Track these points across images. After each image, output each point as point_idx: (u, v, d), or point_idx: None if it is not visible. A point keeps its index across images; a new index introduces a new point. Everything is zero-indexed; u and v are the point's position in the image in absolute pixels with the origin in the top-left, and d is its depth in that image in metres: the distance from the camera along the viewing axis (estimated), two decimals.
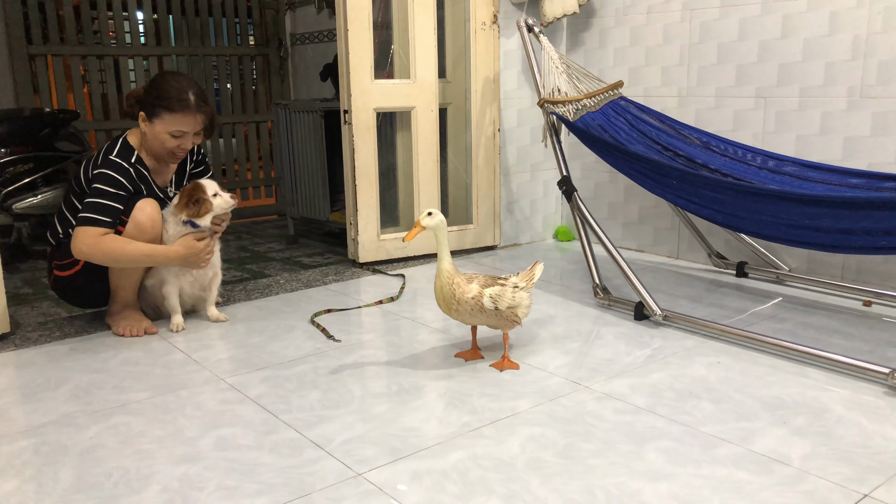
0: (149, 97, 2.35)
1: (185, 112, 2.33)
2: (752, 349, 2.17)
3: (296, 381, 2.01)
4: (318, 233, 4.15)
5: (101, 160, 2.33)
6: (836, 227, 2.04)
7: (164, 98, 2.32)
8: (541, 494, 1.43)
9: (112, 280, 2.40)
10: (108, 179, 2.29)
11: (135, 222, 2.29)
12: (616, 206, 3.55)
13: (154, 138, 2.37)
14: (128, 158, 2.35)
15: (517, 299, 2.04)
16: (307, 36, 4.69)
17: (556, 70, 2.91)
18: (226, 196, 2.41)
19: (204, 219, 2.38)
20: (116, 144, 2.37)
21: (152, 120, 2.35)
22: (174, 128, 2.34)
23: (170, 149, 2.38)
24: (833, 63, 2.68)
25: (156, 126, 2.34)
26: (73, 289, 2.46)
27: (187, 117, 2.34)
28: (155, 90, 2.35)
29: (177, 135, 2.35)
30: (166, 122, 2.33)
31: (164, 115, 2.33)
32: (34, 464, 1.59)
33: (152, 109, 2.34)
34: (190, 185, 2.40)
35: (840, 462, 1.53)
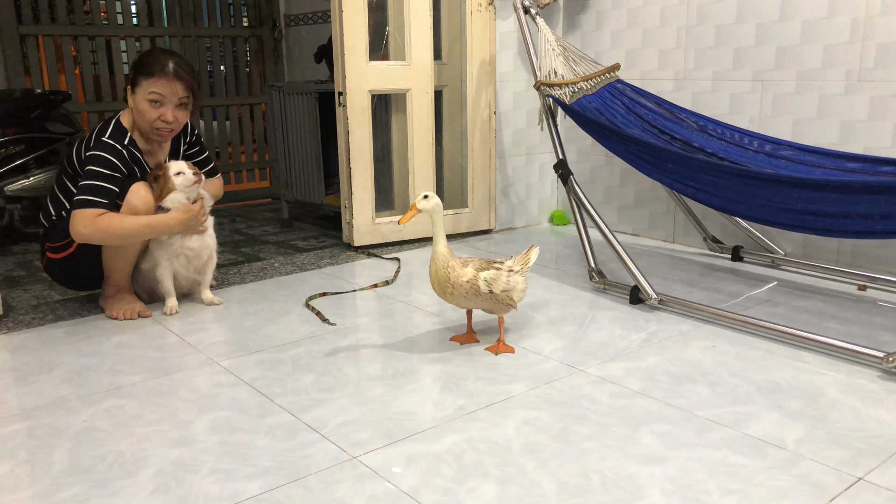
0: (131, 69, 2.38)
1: (160, 76, 2.30)
2: (747, 333, 2.18)
3: (291, 365, 2.01)
4: (313, 216, 4.13)
5: (94, 141, 2.31)
6: (832, 210, 2.04)
7: (143, 65, 2.33)
8: (536, 478, 1.43)
9: (105, 263, 2.38)
10: (102, 161, 2.27)
11: (129, 206, 2.27)
12: (612, 190, 3.54)
13: (136, 110, 2.35)
14: (121, 140, 2.33)
15: (512, 283, 2.03)
16: (301, 17, 4.64)
17: (553, 52, 2.88)
18: (188, 173, 2.35)
19: (166, 200, 2.33)
20: (109, 125, 2.35)
21: (135, 90, 2.34)
22: (149, 90, 2.30)
23: (151, 120, 2.33)
24: (831, 46, 2.67)
25: (137, 95, 2.33)
26: (66, 271, 2.44)
27: (162, 81, 2.30)
28: (136, 60, 2.37)
29: (155, 100, 2.31)
30: (143, 88, 2.31)
31: (142, 81, 2.32)
32: (27, 447, 1.58)
33: (134, 79, 2.34)
34: (154, 165, 2.39)
35: (834, 445, 1.54)
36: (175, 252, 2.41)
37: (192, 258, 2.46)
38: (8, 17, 3.88)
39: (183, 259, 2.44)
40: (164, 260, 2.42)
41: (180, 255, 2.43)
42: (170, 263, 2.43)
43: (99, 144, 2.30)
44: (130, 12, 4.40)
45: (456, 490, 1.39)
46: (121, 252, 2.35)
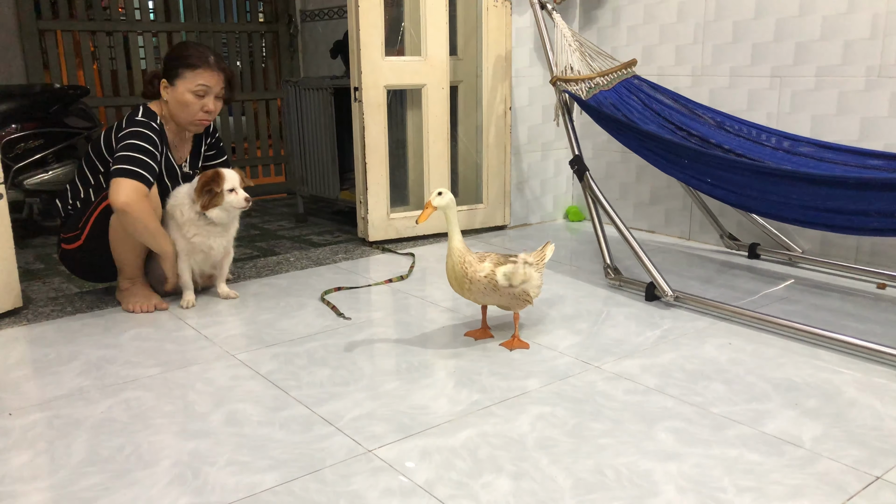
0: (168, 63, 2.38)
1: (205, 67, 2.36)
2: (764, 331, 2.16)
3: (306, 358, 2.02)
4: (328, 211, 4.15)
5: (127, 123, 2.34)
6: (850, 208, 2.02)
7: (184, 57, 2.36)
8: (550, 473, 1.43)
9: (114, 255, 2.39)
10: (140, 135, 2.30)
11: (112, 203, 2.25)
12: (628, 187, 3.52)
13: (177, 102, 2.37)
14: (153, 120, 2.36)
15: (528, 274, 2.03)
16: (317, 12, 4.65)
17: (569, 48, 2.87)
18: (241, 195, 2.38)
19: (212, 210, 2.36)
20: (139, 111, 2.38)
21: (174, 82, 2.36)
22: (195, 83, 2.35)
23: (194, 111, 2.38)
24: (851, 42, 2.64)
25: (178, 87, 2.36)
26: (79, 262, 2.47)
27: (207, 73, 2.36)
28: (174, 54, 2.39)
29: (200, 92, 2.36)
30: (187, 80, 2.35)
31: (185, 72, 2.35)
32: (47, 437, 1.60)
33: (173, 71, 2.36)
34: (212, 171, 2.37)
35: (852, 444, 1.52)
36: (195, 248, 2.43)
37: (211, 254, 2.48)
38: (27, 13, 3.92)
39: (201, 255, 2.46)
40: (185, 254, 2.43)
41: (199, 251, 2.45)
42: (188, 258, 2.44)
43: (134, 123, 2.32)
44: (148, 8, 4.43)
45: (470, 484, 1.40)
46: (129, 244, 2.36)
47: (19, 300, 2.42)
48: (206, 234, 2.42)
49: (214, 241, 2.44)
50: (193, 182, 2.39)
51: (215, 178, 2.35)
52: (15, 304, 2.41)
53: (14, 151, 3.38)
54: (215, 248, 2.46)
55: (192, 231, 2.39)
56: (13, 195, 3.39)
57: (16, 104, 3.39)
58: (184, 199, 2.39)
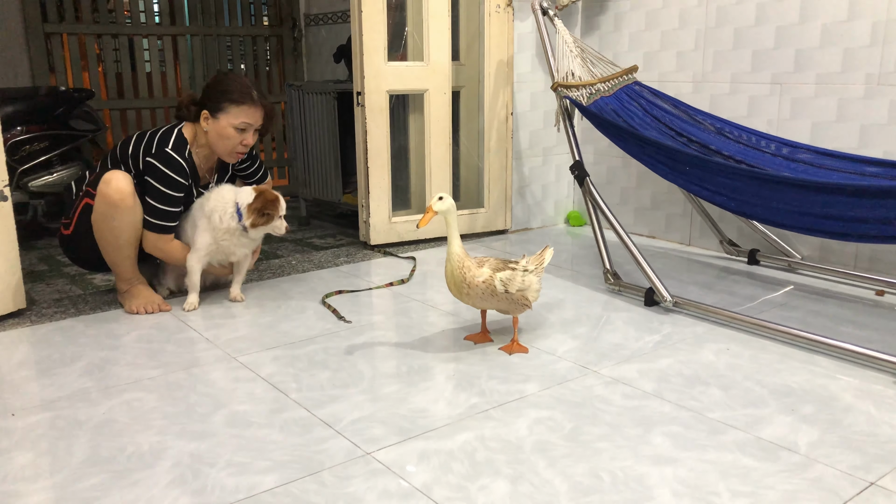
0: (211, 94, 2.42)
1: (249, 104, 2.41)
2: (762, 336, 2.17)
3: (306, 361, 2.03)
4: (330, 214, 4.16)
5: (157, 151, 2.37)
6: (850, 215, 2.03)
7: (229, 92, 2.40)
8: (547, 476, 1.44)
9: (107, 259, 2.42)
10: (168, 181, 2.36)
11: (102, 196, 2.30)
12: (628, 192, 3.54)
13: (218, 134, 2.43)
14: (182, 153, 2.39)
15: (527, 282, 2.04)
16: (321, 17, 4.67)
17: (571, 54, 2.89)
18: (284, 223, 2.46)
19: (257, 229, 2.42)
20: (171, 135, 2.40)
21: (216, 115, 2.41)
22: (239, 120, 2.41)
23: (233, 145, 2.44)
24: (851, 49, 2.65)
25: (220, 121, 2.41)
26: (71, 247, 2.50)
27: (251, 110, 2.42)
28: (218, 86, 2.43)
29: (241, 127, 2.42)
30: (231, 115, 2.40)
31: (230, 107, 2.40)
32: (49, 437, 1.62)
33: (217, 105, 2.41)
34: (272, 195, 2.43)
35: (847, 450, 1.53)
36: (219, 249, 2.47)
37: (230, 258, 2.54)
38: (33, 16, 3.95)
39: (221, 256, 2.51)
40: (204, 253, 2.46)
41: (222, 253, 2.49)
42: (205, 257, 2.47)
43: (163, 157, 2.36)
44: (153, 11, 4.45)
45: (468, 487, 1.41)
46: (120, 248, 2.38)
47: (23, 301, 2.44)
48: (236, 243, 2.47)
49: (238, 249, 2.51)
50: (246, 194, 2.40)
51: (275, 204, 2.42)
52: (19, 305, 2.43)
53: (19, 153, 3.41)
54: (237, 255, 2.52)
55: (224, 236, 2.44)
56: (18, 197, 3.41)
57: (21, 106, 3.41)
58: (227, 206, 2.41)
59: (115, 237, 2.36)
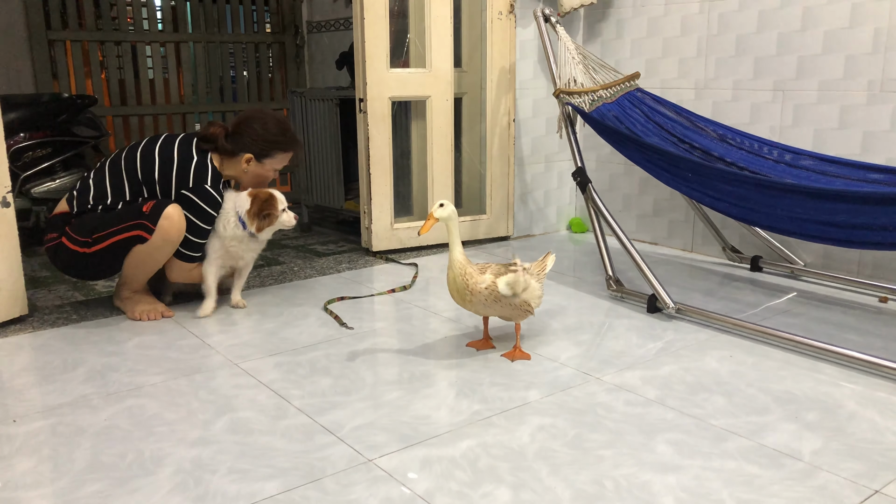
0: (259, 141, 2.45)
1: (294, 148, 2.53)
2: (765, 343, 2.17)
3: (308, 368, 2.03)
4: (332, 221, 4.16)
5: (196, 186, 2.37)
6: (853, 222, 2.02)
7: (280, 143, 2.49)
8: (549, 484, 1.44)
9: (127, 272, 2.41)
10: (206, 216, 2.39)
11: (163, 231, 2.30)
12: (631, 199, 3.53)
13: (257, 175, 2.50)
14: (218, 188, 2.42)
15: (529, 281, 2.03)
16: (323, 24, 4.69)
17: (573, 60, 2.89)
18: (291, 214, 2.47)
19: (264, 232, 2.44)
20: (208, 170, 2.40)
21: (262, 160, 2.47)
22: (282, 164, 2.53)
23: (267, 182, 2.54)
24: (853, 56, 2.65)
25: (265, 165, 2.49)
26: (74, 262, 2.40)
27: (292, 153, 2.54)
28: (266, 135, 2.46)
29: (280, 168, 2.53)
30: (277, 160, 2.51)
31: (279, 154, 2.50)
32: (50, 444, 1.62)
33: (266, 152, 2.47)
34: (265, 193, 2.42)
35: (851, 458, 1.53)
36: (229, 255, 2.48)
37: (239, 262, 2.54)
38: (37, 23, 3.96)
39: (231, 261, 2.52)
40: (216, 258, 2.47)
41: (231, 258, 2.50)
42: (219, 261, 2.48)
43: (203, 193, 2.37)
44: (156, 18, 4.47)
45: (470, 495, 1.40)
46: (147, 269, 2.40)
47: (25, 308, 2.44)
48: (245, 248, 2.49)
49: (247, 254, 2.52)
50: (243, 200, 2.40)
51: (271, 202, 2.42)
52: (21, 311, 2.43)
53: (22, 160, 3.41)
54: (246, 258, 2.54)
55: (232, 243, 2.45)
56: (20, 203, 3.41)
57: (24, 113, 3.42)
58: (229, 216, 2.41)
59: (152, 263, 2.38)
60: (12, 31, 3.91)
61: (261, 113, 2.55)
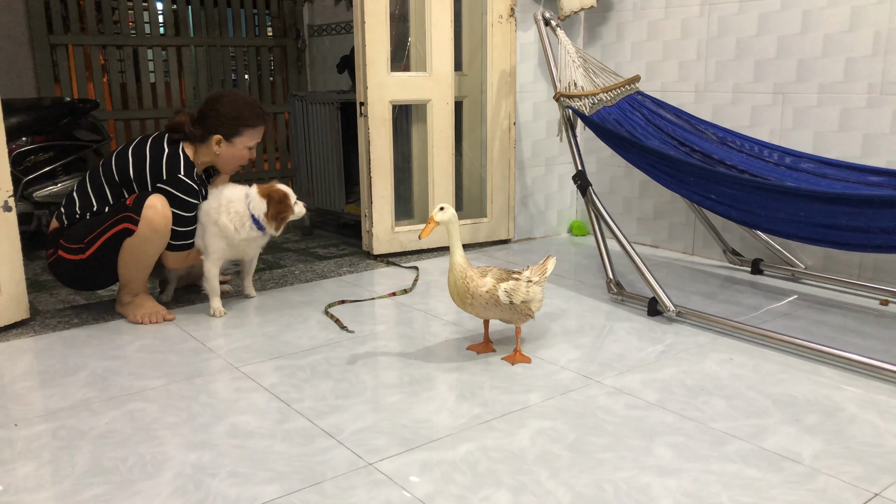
0: (224, 120, 2.45)
1: (262, 124, 2.52)
2: (766, 346, 2.17)
3: (309, 371, 2.03)
4: (334, 224, 4.17)
5: (170, 177, 2.37)
6: (853, 224, 2.02)
7: (244, 118, 2.47)
8: (550, 487, 1.44)
9: (123, 273, 2.42)
10: (186, 205, 2.41)
11: (148, 221, 2.31)
12: (631, 202, 3.54)
13: (231, 156, 2.50)
14: (192, 175, 2.42)
15: (531, 293, 2.04)
16: (324, 28, 4.70)
17: (573, 64, 2.90)
18: (301, 204, 2.51)
19: (282, 227, 2.48)
20: (179, 159, 2.40)
21: (232, 140, 2.47)
22: (254, 141, 2.52)
23: (242, 162, 2.54)
24: (853, 59, 2.66)
25: (236, 145, 2.48)
26: (75, 272, 2.44)
27: (262, 129, 2.53)
28: (230, 113, 2.46)
29: (252, 146, 2.53)
30: (246, 138, 2.49)
31: (246, 131, 2.48)
32: (51, 448, 1.62)
33: (233, 130, 2.46)
34: (277, 193, 2.44)
35: (851, 461, 1.53)
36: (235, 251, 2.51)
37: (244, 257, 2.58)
38: (39, 28, 3.98)
39: (236, 256, 2.57)
40: (218, 258, 2.47)
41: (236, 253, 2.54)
42: (220, 260, 2.49)
43: (178, 183, 2.38)
44: (157, 22, 4.48)
45: (470, 498, 1.41)
46: (141, 265, 2.41)
47: (27, 311, 2.45)
48: (253, 245, 2.53)
49: (253, 250, 2.58)
50: (257, 203, 2.41)
51: (286, 202, 2.45)
52: (22, 315, 2.43)
53: (24, 164, 3.42)
54: (250, 253, 2.59)
55: (241, 242, 2.48)
56: (22, 207, 3.42)
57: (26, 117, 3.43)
58: (244, 220, 2.42)
59: (145, 258, 2.39)
60: (14, 35, 3.92)
61: (224, 93, 2.57)
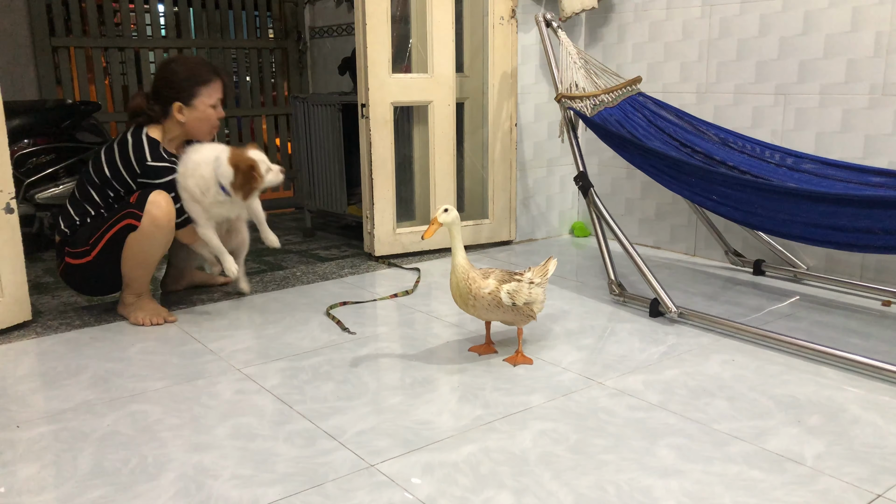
0: (176, 85, 2.41)
1: (216, 79, 2.46)
2: (768, 347, 2.16)
3: (311, 373, 2.03)
4: (335, 226, 4.17)
5: (142, 167, 2.37)
6: (855, 225, 2.02)
7: (196, 76, 2.42)
8: (552, 489, 1.44)
9: (127, 272, 2.42)
10: (169, 185, 2.38)
11: (151, 217, 2.32)
12: (633, 203, 3.53)
13: (197, 120, 2.45)
14: (160, 154, 2.40)
15: (533, 295, 2.04)
16: (326, 29, 4.70)
17: (574, 65, 2.90)
18: (275, 168, 2.45)
19: (253, 194, 2.42)
20: (143, 146, 2.39)
21: (191, 102, 2.42)
22: (214, 98, 2.45)
23: (212, 124, 2.48)
24: (855, 60, 2.65)
25: (197, 107, 2.43)
26: (85, 276, 2.47)
27: (218, 84, 2.47)
28: (180, 76, 2.42)
29: (215, 104, 2.46)
30: (205, 96, 2.43)
31: (202, 90, 2.43)
32: (54, 449, 1.62)
33: (189, 93, 2.41)
34: (244, 164, 2.36)
35: (854, 462, 1.52)
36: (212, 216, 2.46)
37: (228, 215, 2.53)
38: (41, 30, 3.98)
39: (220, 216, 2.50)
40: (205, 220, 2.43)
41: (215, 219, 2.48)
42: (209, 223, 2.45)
43: (151, 170, 2.37)
44: (159, 24, 4.49)
45: (472, 500, 1.40)
46: (144, 263, 2.41)
47: (28, 313, 2.45)
48: (229, 207, 2.47)
49: (233, 210, 2.52)
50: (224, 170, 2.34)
51: (254, 171, 2.37)
52: (24, 317, 2.43)
53: (26, 166, 3.43)
54: (234, 212, 2.53)
55: (213, 205, 2.42)
56: (24, 209, 3.42)
57: (28, 119, 3.44)
58: (209, 185, 2.36)
59: (149, 255, 2.39)
60: (16, 37, 3.93)
61: (168, 60, 2.55)
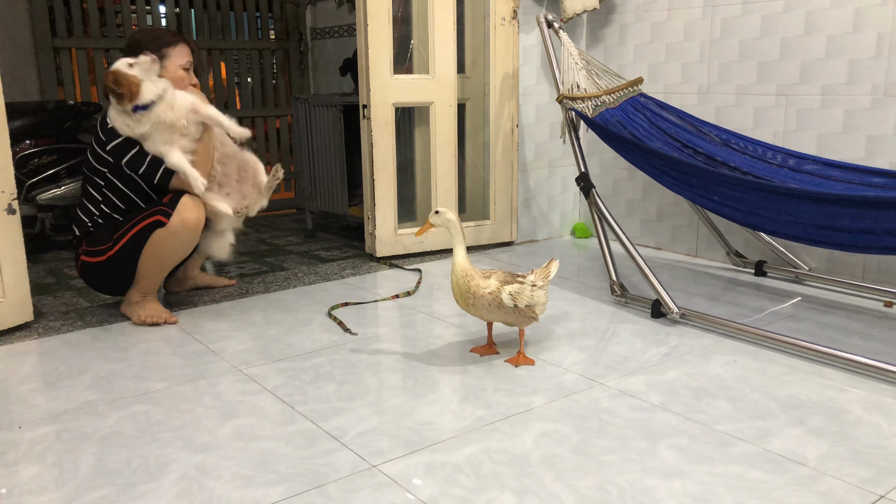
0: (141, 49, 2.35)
1: (181, 42, 2.45)
2: (770, 348, 2.16)
3: (312, 373, 2.03)
4: (336, 227, 4.17)
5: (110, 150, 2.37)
6: (857, 226, 2.02)
7: (159, 38, 2.41)
8: (554, 490, 1.44)
9: (142, 269, 2.42)
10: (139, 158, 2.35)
11: (181, 217, 2.33)
12: (634, 203, 3.53)
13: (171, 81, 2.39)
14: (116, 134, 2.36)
15: (536, 297, 2.04)
16: (327, 30, 4.70)
17: (576, 66, 2.90)
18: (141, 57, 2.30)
19: (142, 95, 2.27)
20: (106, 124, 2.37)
21: (162, 63, 2.38)
22: (183, 59, 2.44)
23: (185, 87, 2.43)
24: (857, 61, 2.65)
25: (168, 68, 2.41)
26: (103, 275, 2.48)
27: (184, 46, 2.46)
28: (144, 42, 2.38)
29: (186, 66, 2.45)
30: (175, 57, 2.43)
31: (169, 51, 2.42)
32: (55, 450, 1.62)
33: (157, 54, 2.37)
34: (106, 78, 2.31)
35: (856, 463, 1.52)
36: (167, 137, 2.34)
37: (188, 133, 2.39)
38: (42, 31, 3.98)
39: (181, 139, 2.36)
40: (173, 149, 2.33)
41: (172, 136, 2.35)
42: (168, 144, 2.33)
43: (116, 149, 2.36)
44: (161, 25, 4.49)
45: (474, 501, 1.40)
46: (163, 262, 2.42)
47: (30, 314, 2.45)
48: (171, 128, 2.33)
49: (185, 130, 2.36)
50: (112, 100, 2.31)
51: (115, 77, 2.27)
52: (26, 317, 2.44)
53: (27, 167, 3.43)
54: (191, 132, 2.37)
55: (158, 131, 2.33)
56: (26, 210, 3.43)
57: (30, 120, 3.44)
58: (127, 116, 2.30)
59: (169, 254, 2.40)
60: (18, 38, 3.93)
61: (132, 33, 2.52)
